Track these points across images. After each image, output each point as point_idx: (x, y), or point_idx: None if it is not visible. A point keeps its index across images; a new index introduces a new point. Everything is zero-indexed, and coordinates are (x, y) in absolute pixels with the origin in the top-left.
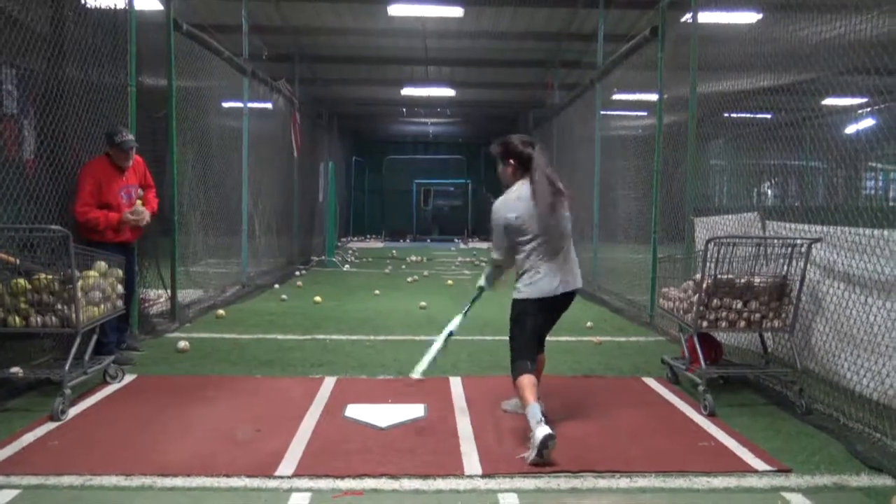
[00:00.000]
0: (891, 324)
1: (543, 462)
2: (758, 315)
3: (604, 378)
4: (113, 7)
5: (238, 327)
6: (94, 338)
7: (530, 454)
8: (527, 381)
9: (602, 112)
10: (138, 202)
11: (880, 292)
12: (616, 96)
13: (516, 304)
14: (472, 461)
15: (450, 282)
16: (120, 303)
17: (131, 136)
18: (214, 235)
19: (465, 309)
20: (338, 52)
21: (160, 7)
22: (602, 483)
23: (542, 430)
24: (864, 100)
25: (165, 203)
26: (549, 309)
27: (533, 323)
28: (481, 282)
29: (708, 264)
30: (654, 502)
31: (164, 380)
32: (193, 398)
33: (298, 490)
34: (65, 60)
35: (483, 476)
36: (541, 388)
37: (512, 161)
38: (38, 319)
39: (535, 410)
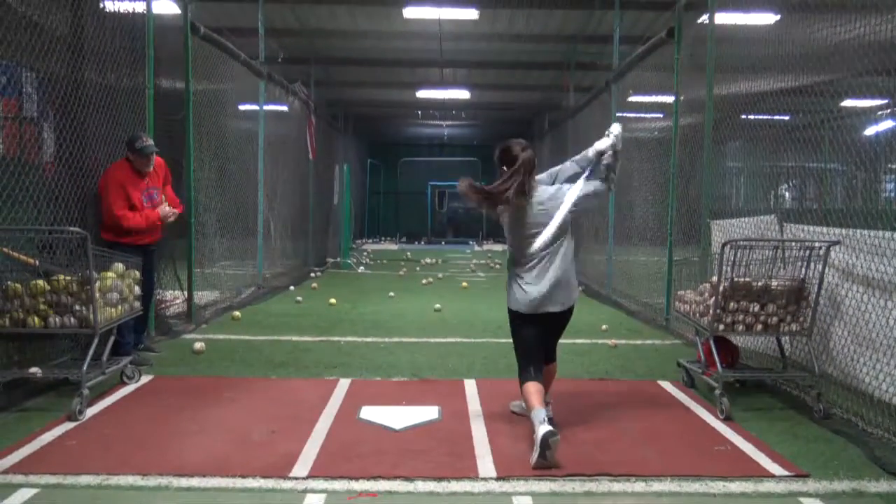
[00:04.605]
0: None
1: (548, 464)
2: (775, 318)
3: (619, 381)
4: (131, 11)
5: (253, 329)
6: (112, 338)
7: (533, 456)
8: (532, 387)
9: (618, 114)
10: (165, 205)
11: None
12: (632, 98)
13: (508, 312)
14: (486, 464)
15: (464, 284)
16: (137, 304)
17: (151, 142)
18: (230, 237)
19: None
20: (353, 54)
21: (177, 11)
22: (617, 487)
23: (543, 428)
24: (885, 101)
25: (182, 205)
26: (536, 323)
27: (524, 334)
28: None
29: (724, 267)
30: None
31: (180, 381)
32: (209, 399)
33: (313, 491)
34: (84, 64)
35: (497, 479)
36: (554, 391)
37: (504, 167)
38: (57, 320)
39: (539, 412)
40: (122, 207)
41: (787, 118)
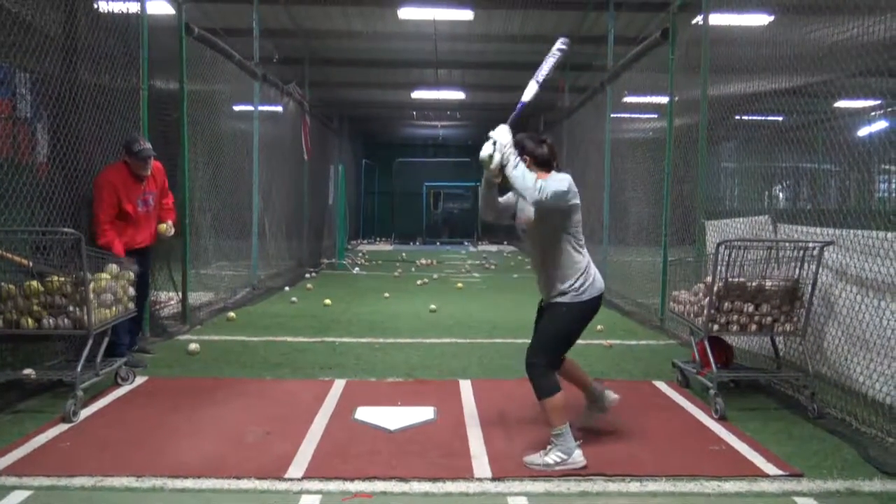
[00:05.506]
0: None
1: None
2: (769, 319)
3: (614, 381)
4: (125, 11)
5: (248, 330)
6: (106, 340)
7: (553, 461)
8: (563, 399)
9: (612, 115)
10: (161, 226)
11: (893, 296)
12: (627, 99)
13: (577, 307)
14: (481, 464)
15: (459, 285)
16: (131, 305)
17: (149, 146)
18: (225, 238)
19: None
20: (348, 55)
21: (172, 11)
22: (612, 487)
23: (581, 460)
24: (878, 102)
25: (177, 206)
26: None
27: (580, 327)
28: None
29: (719, 267)
30: None
31: (174, 382)
32: (204, 400)
33: (308, 492)
34: (78, 64)
35: (493, 479)
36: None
37: (526, 157)
38: (51, 321)
39: (571, 435)
40: (107, 213)
41: (780, 119)
